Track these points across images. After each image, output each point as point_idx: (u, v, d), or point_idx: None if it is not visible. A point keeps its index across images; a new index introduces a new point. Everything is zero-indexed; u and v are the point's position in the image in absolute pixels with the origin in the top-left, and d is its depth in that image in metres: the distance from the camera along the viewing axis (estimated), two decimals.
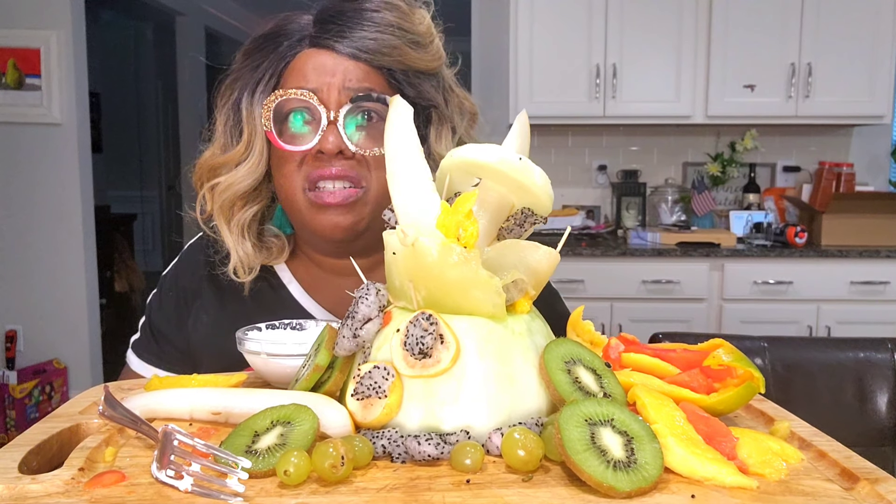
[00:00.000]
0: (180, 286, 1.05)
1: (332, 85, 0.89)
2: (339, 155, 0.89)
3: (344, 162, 0.90)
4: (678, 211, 3.74)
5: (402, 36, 0.90)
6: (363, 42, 0.89)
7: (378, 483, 0.51)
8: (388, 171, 0.63)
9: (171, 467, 0.51)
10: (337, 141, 0.88)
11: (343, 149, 0.89)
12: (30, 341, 3.83)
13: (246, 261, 0.96)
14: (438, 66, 0.96)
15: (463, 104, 1.01)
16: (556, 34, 3.41)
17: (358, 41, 0.89)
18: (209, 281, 1.02)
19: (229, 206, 0.95)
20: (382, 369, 0.57)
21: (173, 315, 1.03)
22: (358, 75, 0.90)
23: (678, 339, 1.38)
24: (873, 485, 0.50)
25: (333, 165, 0.89)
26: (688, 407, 0.58)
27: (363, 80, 0.90)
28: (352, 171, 0.90)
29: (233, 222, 0.96)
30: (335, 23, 0.90)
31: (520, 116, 0.69)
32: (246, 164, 0.94)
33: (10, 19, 3.62)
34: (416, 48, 0.92)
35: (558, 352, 0.60)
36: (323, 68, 0.90)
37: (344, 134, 0.88)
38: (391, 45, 0.90)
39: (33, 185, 3.73)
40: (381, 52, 0.90)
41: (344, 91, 0.89)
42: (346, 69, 0.89)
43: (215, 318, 1.01)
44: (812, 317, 3.19)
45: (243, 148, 0.94)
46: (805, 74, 3.36)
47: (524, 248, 0.62)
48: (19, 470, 0.53)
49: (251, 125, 0.93)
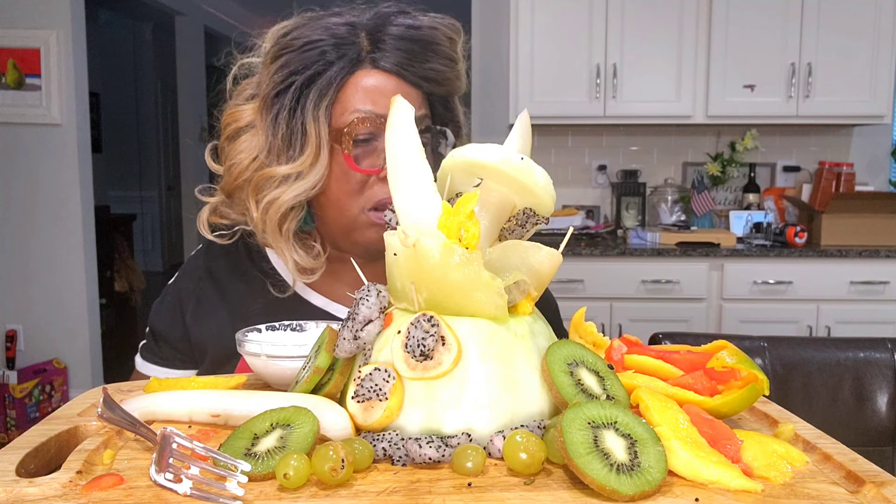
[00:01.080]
0: (178, 290, 1.08)
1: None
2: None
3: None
4: (678, 211, 3.73)
5: (453, 67, 0.95)
6: (425, 72, 0.93)
7: (378, 486, 0.50)
8: (389, 172, 0.63)
9: (169, 470, 0.50)
10: None
11: None
12: (30, 341, 3.82)
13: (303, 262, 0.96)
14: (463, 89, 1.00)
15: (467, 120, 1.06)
16: (556, 34, 3.41)
17: (421, 71, 0.93)
18: (209, 279, 1.06)
19: (284, 216, 0.94)
20: (383, 371, 0.57)
21: (168, 317, 1.07)
22: (417, 102, 0.93)
23: (678, 339, 1.38)
24: (879, 488, 0.49)
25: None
26: (691, 409, 0.57)
27: (420, 107, 0.94)
28: None
29: (282, 234, 0.94)
30: (400, 49, 0.92)
31: (521, 116, 0.68)
32: (311, 177, 0.92)
33: (10, 19, 3.62)
34: (459, 77, 0.97)
35: (561, 354, 0.59)
36: (383, 91, 0.92)
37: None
38: (447, 77, 0.95)
39: (33, 185, 3.72)
40: (439, 83, 0.95)
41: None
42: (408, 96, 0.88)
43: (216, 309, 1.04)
44: (812, 317, 3.19)
45: (310, 161, 0.91)
46: (805, 74, 3.36)
47: (526, 249, 0.62)
48: (17, 473, 0.53)
49: (319, 138, 0.91)
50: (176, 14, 6.32)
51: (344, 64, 0.91)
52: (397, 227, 0.60)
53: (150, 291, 5.07)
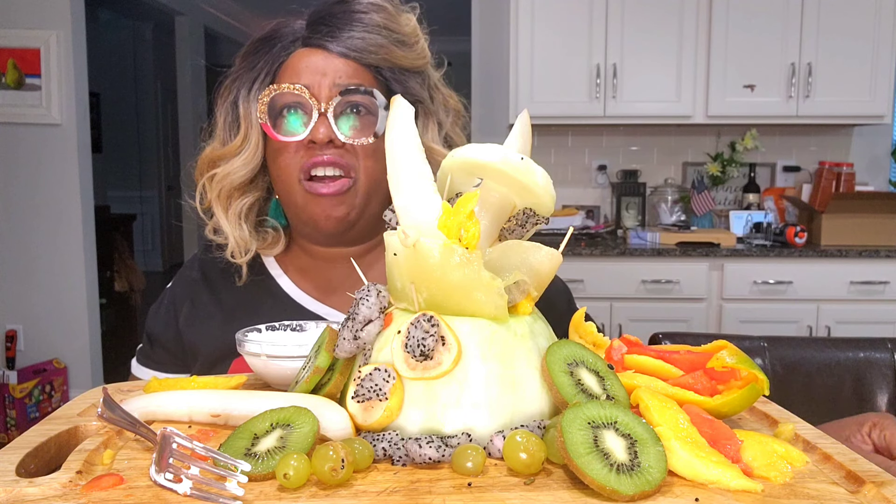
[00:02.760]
0: (173, 294, 1.10)
1: (323, 81, 0.95)
2: (329, 144, 0.95)
3: (334, 150, 0.96)
4: (678, 211, 3.73)
5: (388, 35, 0.97)
6: (352, 41, 0.96)
7: (378, 486, 0.50)
8: (389, 172, 0.63)
9: (169, 470, 0.50)
10: (327, 131, 0.94)
11: (333, 138, 0.95)
12: (30, 341, 3.82)
13: (242, 244, 1.02)
14: (423, 64, 1.01)
15: (448, 102, 1.06)
16: (556, 34, 3.41)
17: (347, 41, 0.96)
18: (203, 283, 1.08)
19: (227, 195, 1.02)
20: (383, 371, 0.57)
21: (163, 320, 1.08)
22: (347, 72, 0.96)
23: (678, 339, 1.38)
24: (879, 488, 0.49)
25: (325, 153, 0.95)
26: (691, 409, 0.57)
27: (352, 77, 0.96)
28: (342, 159, 0.96)
29: (230, 210, 1.02)
30: (326, 24, 0.96)
31: (521, 116, 0.68)
32: (242, 155, 1.00)
33: (10, 19, 3.62)
34: (401, 47, 0.98)
35: (561, 354, 0.59)
36: (314, 66, 0.96)
37: (334, 125, 0.95)
38: (378, 44, 0.96)
39: (33, 185, 3.72)
40: (369, 51, 0.96)
41: (334, 87, 0.95)
42: (336, 67, 0.96)
43: (209, 312, 1.05)
44: (812, 317, 3.19)
45: (240, 141, 1.01)
46: (805, 74, 3.36)
47: (526, 249, 0.62)
48: (16, 473, 0.53)
49: (248, 120, 1.00)
50: (176, 14, 6.32)
51: (279, 50, 0.98)
52: (397, 227, 0.60)
53: (150, 291, 5.07)
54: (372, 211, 1.00)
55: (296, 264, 1.08)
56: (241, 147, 1.00)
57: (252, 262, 1.06)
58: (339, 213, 0.97)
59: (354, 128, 0.96)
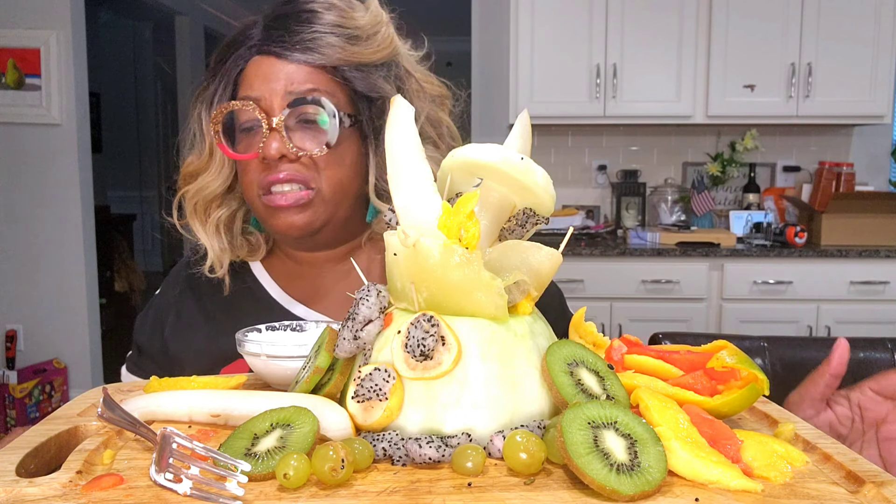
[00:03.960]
0: (160, 303, 1.09)
1: (275, 91, 0.92)
2: (283, 159, 0.92)
3: (289, 165, 0.92)
4: (678, 211, 3.73)
5: (341, 33, 0.92)
6: (303, 44, 0.91)
7: (378, 486, 0.50)
8: (389, 172, 0.63)
9: (169, 470, 0.50)
10: (279, 146, 0.91)
11: (285, 153, 0.91)
12: (30, 341, 3.82)
13: (221, 256, 1.01)
14: (385, 55, 0.96)
15: (422, 87, 1.00)
16: (556, 34, 3.41)
17: (297, 44, 0.91)
18: (189, 291, 1.06)
19: (203, 208, 1.00)
20: (383, 371, 0.57)
21: (149, 330, 1.07)
22: (301, 77, 0.92)
23: (678, 339, 1.38)
24: (879, 488, 0.49)
25: (281, 170, 0.92)
26: (691, 409, 0.57)
27: (306, 82, 0.92)
28: (299, 174, 0.93)
29: (208, 222, 1.00)
30: (276, 28, 0.93)
31: (521, 116, 0.68)
32: (211, 170, 0.99)
33: (10, 19, 3.62)
34: (356, 43, 0.93)
35: (561, 354, 0.59)
36: (266, 75, 0.92)
37: (286, 138, 0.91)
38: (329, 43, 0.92)
39: (33, 185, 3.72)
40: (320, 52, 0.92)
41: (286, 96, 0.91)
42: (289, 74, 0.92)
43: (195, 322, 1.04)
44: (812, 316, 3.19)
45: (207, 157, 0.99)
46: (805, 74, 3.36)
47: (526, 249, 0.62)
48: (16, 473, 0.53)
49: (210, 136, 0.97)
50: (176, 14, 6.31)
51: (236, 59, 0.96)
52: (397, 227, 0.60)
53: (149, 291, 5.07)
54: (342, 215, 0.97)
55: (283, 270, 1.06)
56: (209, 162, 0.99)
57: (239, 269, 1.06)
58: (301, 221, 0.94)
59: (307, 139, 0.92)
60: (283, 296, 1.04)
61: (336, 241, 1.02)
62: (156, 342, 1.06)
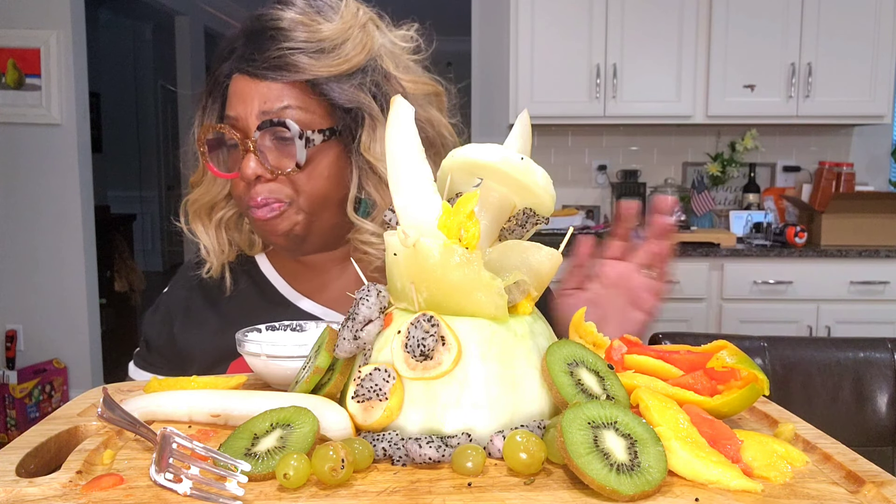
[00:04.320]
0: (168, 301, 1.11)
1: (250, 112, 0.92)
2: (260, 179, 0.93)
3: (265, 186, 0.94)
4: (678, 211, 3.73)
5: (307, 48, 0.91)
6: (271, 62, 0.91)
7: (378, 486, 0.50)
8: (389, 172, 0.63)
9: (169, 470, 0.50)
10: (255, 166, 0.92)
11: (261, 173, 0.92)
12: (30, 341, 3.82)
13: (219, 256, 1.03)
14: (358, 62, 0.93)
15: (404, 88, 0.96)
16: (556, 34, 3.41)
17: (267, 62, 0.91)
18: (198, 290, 1.07)
19: (206, 212, 1.03)
20: (383, 371, 0.57)
21: (158, 327, 1.09)
22: (273, 95, 0.92)
23: (678, 339, 1.38)
24: (879, 488, 0.49)
25: (259, 193, 0.94)
26: (691, 409, 0.57)
27: (278, 100, 0.92)
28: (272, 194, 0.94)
29: (210, 224, 1.03)
30: (249, 46, 0.93)
31: (521, 116, 0.68)
32: (204, 183, 1.02)
33: (10, 19, 3.62)
34: (324, 56, 0.91)
35: (561, 354, 0.59)
36: (242, 95, 0.93)
37: (262, 158, 0.92)
38: (297, 60, 0.91)
39: (33, 185, 3.72)
40: (289, 70, 0.91)
41: (260, 115, 0.92)
42: (262, 92, 0.92)
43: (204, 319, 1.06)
44: (812, 317, 3.19)
45: (201, 171, 1.01)
46: (805, 74, 3.36)
47: (526, 249, 0.62)
48: (16, 473, 0.53)
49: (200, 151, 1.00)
50: (176, 14, 6.31)
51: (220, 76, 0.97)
52: (397, 227, 0.60)
53: (150, 291, 5.07)
54: (326, 223, 0.98)
55: (288, 265, 1.08)
56: (203, 175, 1.01)
57: (245, 264, 1.07)
58: (282, 229, 0.96)
59: (282, 157, 0.93)
60: (290, 290, 1.05)
61: (329, 245, 1.04)
62: (165, 338, 1.07)
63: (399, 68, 0.98)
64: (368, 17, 0.97)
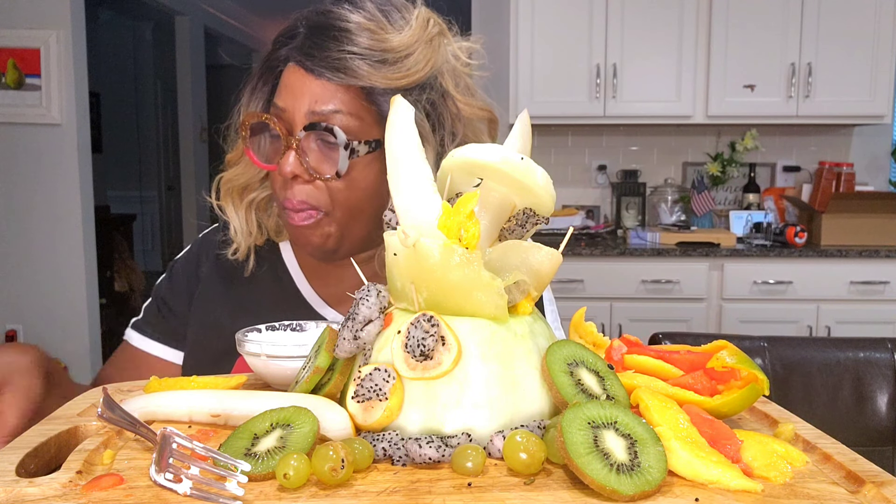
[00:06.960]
0: (190, 269, 1.09)
1: (299, 108, 0.90)
2: (297, 178, 0.92)
3: (302, 188, 0.92)
4: (678, 211, 3.74)
5: (370, 56, 0.89)
6: (330, 62, 0.88)
7: (378, 486, 0.50)
8: (389, 172, 0.63)
9: (169, 470, 0.50)
10: (294, 166, 0.90)
11: (300, 173, 0.91)
12: (30, 341, 3.82)
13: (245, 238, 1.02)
14: (418, 79, 0.91)
15: (459, 111, 0.96)
16: (556, 34, 3.41)
17: (326, 61, 0.88)
18: (216, 267, 1.07)
19: (238, 192, 1.02)
20: (383, 371, 0.57)
21: (185, 292, 1.08)
22: (325, 96, 0.89)
23: (678, 339, 1.38)
24: (879, 488, 0.49)
25: (296, 194, 0.92)
26: (691, 409, 0.57)
27: (329, 101, 0.89)
28: (310, 198, 0.92)
29: (242, 203, 1.02)
30: (310, 40, 0.90)
31: (521, 116, 0.68)
32: (241, 164, 1.01)
33: (10, 19, 3.62)
34: (386, 67, 0.89)
35: (561, 354, 0.59)
36: (294, 88, 0.91)
37: (303, 158, 0.90)
38: (357, 66, 0.88)
39: (33, 185, 3.72)
40: (347, 74, 0.88)
41: (308, 115, 0.90)
42: (314, 90, 0.89)
43: (219, 301, 1.05)
44: (812, 317, 3.19)
45: (240, 151, 0.99)
46: (805, 74, 3.36)
47: (526, 249, 0.62)
48: (16, 473, 0.52)
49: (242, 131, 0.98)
50: (176, 14, 6.32)
51: (276, 61, 0.94)
52: (397, 228, 0.60)
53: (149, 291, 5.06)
54: (358, 234, 0.97)
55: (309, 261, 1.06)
56: (242, 155, 0.99)
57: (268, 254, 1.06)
58: (315, 241, 0.95)
59: (323, 161, 0.91)
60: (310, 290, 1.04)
61: (356, 251, 1.00)
62: (184, 302, 1.06)
63: (458, 88, 0.97)
64: (438, 30, 0.95)
